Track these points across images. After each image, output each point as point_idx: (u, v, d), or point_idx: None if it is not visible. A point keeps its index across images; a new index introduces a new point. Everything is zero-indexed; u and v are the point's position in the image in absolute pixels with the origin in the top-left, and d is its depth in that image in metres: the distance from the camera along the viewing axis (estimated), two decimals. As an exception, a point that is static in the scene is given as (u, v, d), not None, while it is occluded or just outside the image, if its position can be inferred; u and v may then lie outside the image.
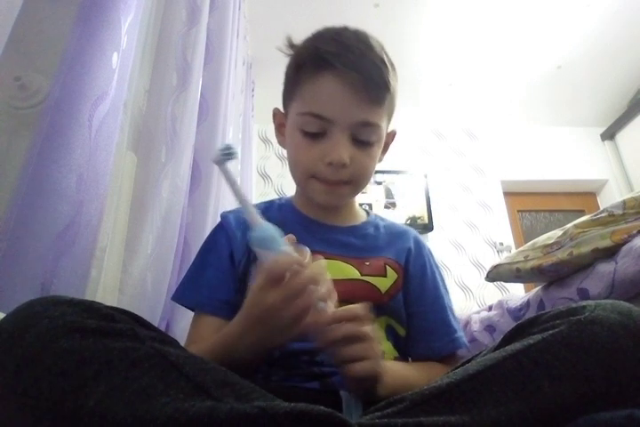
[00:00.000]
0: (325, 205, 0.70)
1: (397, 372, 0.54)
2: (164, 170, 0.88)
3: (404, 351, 0.66)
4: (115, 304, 0.72)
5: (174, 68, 0.97)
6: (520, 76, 2.77)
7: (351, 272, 0.65)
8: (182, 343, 0.60)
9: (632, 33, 2.46)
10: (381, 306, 0.64)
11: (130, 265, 0.77)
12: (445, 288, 0.73)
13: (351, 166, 0.63)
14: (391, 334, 0.65)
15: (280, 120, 0.72)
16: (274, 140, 3.62)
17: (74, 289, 0.55)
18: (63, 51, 0.56)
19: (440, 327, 0.67)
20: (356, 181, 0.66)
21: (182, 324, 0.90)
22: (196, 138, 1.06)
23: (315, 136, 0.63)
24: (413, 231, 0.78)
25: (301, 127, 0.64)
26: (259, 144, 3.06)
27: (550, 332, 0.40)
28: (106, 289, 0.71)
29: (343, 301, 0.60)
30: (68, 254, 0.53)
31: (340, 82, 0.61)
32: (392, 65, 0.66)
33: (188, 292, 0.67)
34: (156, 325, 0.82)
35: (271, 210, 0.75)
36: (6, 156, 0.53)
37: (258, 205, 0.76)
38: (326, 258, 0.64)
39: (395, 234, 0.75)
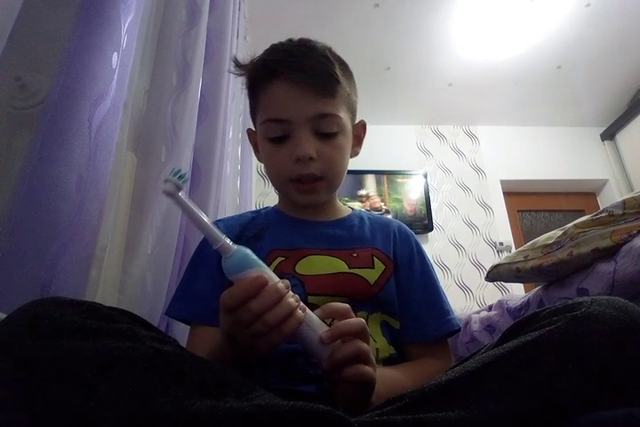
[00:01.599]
0: (307, 205, 0.72)
1: (390, 380, 0.53)
2: (164, 170, 0.88)
3: (399, 343, 0.66)
4: (115, 304, 0.72)
5: (174, 68, 0.97)
6: (520, 76, 2.77)
7: (339, 266, 0.66)
8: (183, 342, 0.60)
9: (632, 33, 2.46)
10: (374, 300, 0.64)
11: (130, 265, 0.77)
12: (434, 274, 0.73)
13: (319, 159, 0.65)
14: (386, 329, 0.65)
15: (254, 139, 0.75)
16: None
17: (74, 289, 0.55)
18: (63, 51, 0.56)
19: (431, 311, 0.68)
20: (329, 175, 0.68)
21: (182, 324, 0.90)
22: (196, 138, 1.06)
23: (280, 140, 0.66)
24: (397, 222, 0.79)
25: (266, 135, 0.68)
26: (259, 144, 3.06)
27: (547, 328, 0.40)
28: (106, 289, 0.70)
29: (334, 294, 0.62)
30: (68, 254, 0.53)
31: (288, 83, 0.65)
32: (341, 62, 0.71)
33: (182, 305, 0.67)
34: (155, 325, 0.82)
35: (258, 218, 0.77)
36: (6, 156, 0.53)
37: (245, 215, 0.79)
38: (314, 253, 0.67)
39: (379, 225, 0.76)
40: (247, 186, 1.99)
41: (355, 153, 0.77)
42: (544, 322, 0.42)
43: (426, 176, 3.00)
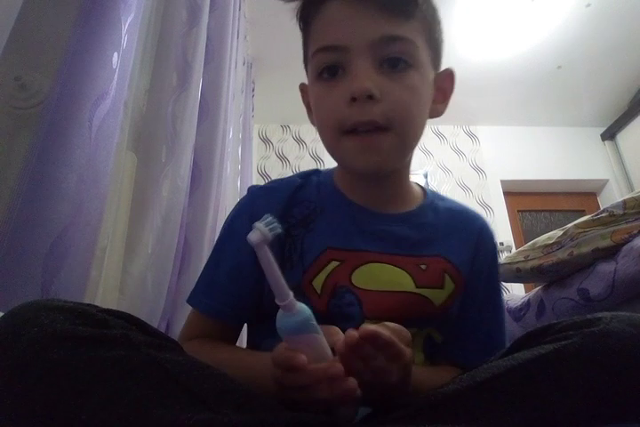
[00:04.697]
0: (368, 172, 0.53)
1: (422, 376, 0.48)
2: (164, 170, 0.88)
3: (434, 354, 0.59)
4: (115, 304, 0.72)
5: (174, 68, 0.97)
6: (520, 76, 2.77)
7: (405, 282, 0.54)
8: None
9: (632, 33, 2.46)
10: (431, 319, 0.56)
11: (130, 265, 0.77)
12: (501, 296, 0.62)
13: (383, 101, 0.48)
14: (428, 342, 0.57)
15: (307, 97, 0.59)
16: (274, 139, 3.56)
17: (74, 289, 0.54)
18: (63, 51, 0.56)
19: (482, 339, 0.58)
20: (396, 124, 0.49)
21: (182, 324, 0.90)
22: (196, 138, 1.06)
23: (333, 76, 0.51)
24: (481, 219, 0.63)
25: (317, 71, 0.52)
26: (259, 144, 3.07)
27: (563, 343, 0.38)
28: (106, 289, 0.70)
29: (393, 316, 0.50)
30: (68, 254, 0.53)
31: (347, 2, 0.50)
32: None
33: (202, 296, 0.58)
34: (156, 325, 0.83)
35: (308, 188, 0.60)
36: (6, 156, 0.53)
37: (292, 181, 0.61)
38: (376, 259, 0.54)
39: (456, 222, 0.61)
40: (247, 186, 1.99)
41: (437, 112, 0.57)
42: (559, 335, 0.40)
43: (426, 176, 3.00)
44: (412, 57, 0.50)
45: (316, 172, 0.64)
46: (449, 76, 0.59)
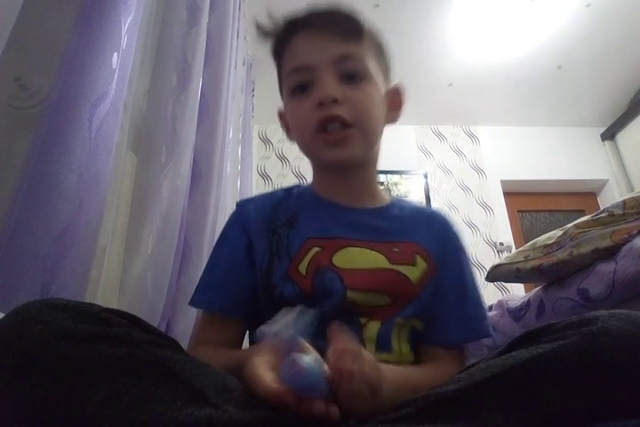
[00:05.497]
0: (340, 163, 0.64)
1: (401, 375, 0.49)
2: (164, 170, 0.88)
3: (417, 344, 0.62)
4: (115, 304, 0.72)
5: (174, 68, 0.97)
6: (520, 76, 2.77)
7: (379, 260, 0.60)
8: (184, 342, 0.60)
9: (632, 33, 2.46)
10: (417, 303, 0.60)
11: (130, 265, 0.77)
12: (470, 275, 0.67)
13: (346, 103, 0.60)
14: (412, 334, 0.61)
15: (285, 120, 0.70)
16: (274, 140, 3.55)
17: (74, 289, 0.54)
18: (63, 51, 0.56)
19: (457, 314, 0.62)
20: (359, 121, 0.60)
21: (183, 324, 0.90)
22: (196, 138, 1.06)
23: (303, 90, 0.62)
24: (441, 214, 0.72)
25: (290, 90, 0.64)
26: (259, 144, 3.07)
27: (561, 342, 0.39)
28: (106, 289, 0.71)
29: (375, 291, 0.58)
30: (68, 254, 0.53)
31: (309, 32, 0.63)
32: (371, 25, 0.67)
33: (203, 295, 0.64)
34: (156, 325, 0.83)
35: (290, 198, 0.71)
36: (6, 156, 0.53)
37: (276, 193, 0.72)
38: (353, 244, 0.61)
39: (422, 217, 0.70)
40: (247, 186, 1.99)
41: (392, 119, 0.70)
42: (558, 335, 0.40)
43: (426, 176, 3.00)
44: (364, 71, 0.63)
45: (297, 186, 0.75)
46: (396, 91, 0.71)
